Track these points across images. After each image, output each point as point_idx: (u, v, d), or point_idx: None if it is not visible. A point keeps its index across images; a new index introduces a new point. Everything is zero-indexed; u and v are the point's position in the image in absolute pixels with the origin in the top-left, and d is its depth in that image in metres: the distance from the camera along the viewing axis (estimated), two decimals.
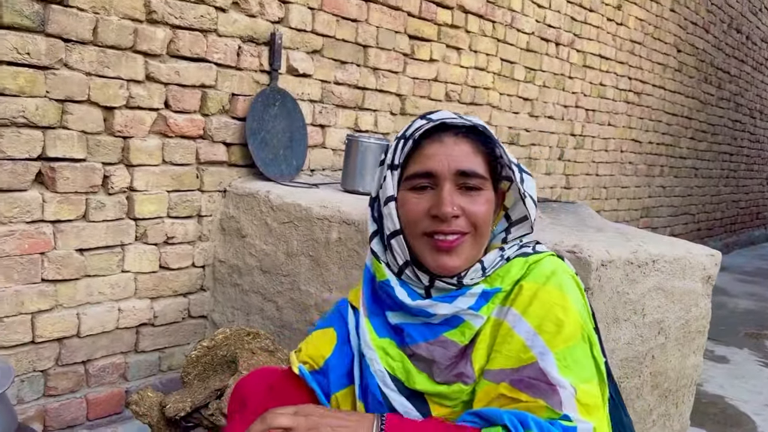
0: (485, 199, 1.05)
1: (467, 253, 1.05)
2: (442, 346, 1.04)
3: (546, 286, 1.01)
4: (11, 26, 1.77)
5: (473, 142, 1.05)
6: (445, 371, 1.04)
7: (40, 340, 1.97)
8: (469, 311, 1.03)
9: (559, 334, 0.97)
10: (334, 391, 1.14)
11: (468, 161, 1.03)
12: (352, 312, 1.17)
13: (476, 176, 1.03)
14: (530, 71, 3.90)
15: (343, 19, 2.69)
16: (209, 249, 2.38)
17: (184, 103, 2.20)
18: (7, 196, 1.83)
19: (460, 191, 1.04)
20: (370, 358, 1.09)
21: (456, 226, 1.03)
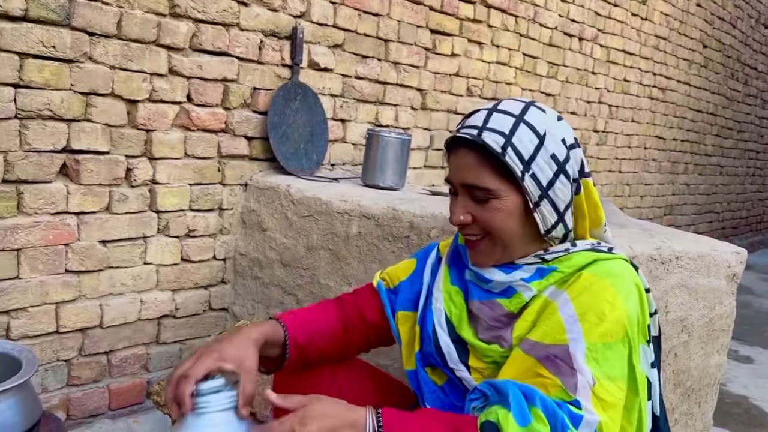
0: (496, 207, 1.07)
1: (490, 253, 1.12)
2: (490, 307, 1.14)
3: (603, 281, 1.03)
4: (37, 20, 1.79)
5: (480, 153, 1.07)
6: (487, 330, 1.14)
7: (64, 330, 2.00)
8: (521, 282, 1.10)
9: (598, 327, 0.99)
10: (398, 309, 1.31)
11: (471, 175, 1.08)
12: (436, 255, 1.31)
13: (479, 189, 1.08)
14: (553, 66, 3.86)
15: (364, 13, 2.69)
16: (230, 242, 2.40)
17: (207, 97, 2.21)
18: (33, 188, 1.85)
19: (474, 200, 1.09)
20: (436, 297, 1.22)
21: (469, 231, 1.12)
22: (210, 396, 1.00)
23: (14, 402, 1.27)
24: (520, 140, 1.05)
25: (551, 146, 1.07)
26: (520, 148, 1.05)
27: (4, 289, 1.84)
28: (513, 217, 1.08)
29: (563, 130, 1.11)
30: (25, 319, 1.90)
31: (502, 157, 1.04)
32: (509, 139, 1.05)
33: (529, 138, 1.06)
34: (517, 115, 1.08)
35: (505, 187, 1.06)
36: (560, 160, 1.07)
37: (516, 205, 1.07)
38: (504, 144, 1.05)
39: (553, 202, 1.07)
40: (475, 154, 1.07)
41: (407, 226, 1.94)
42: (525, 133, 1.06)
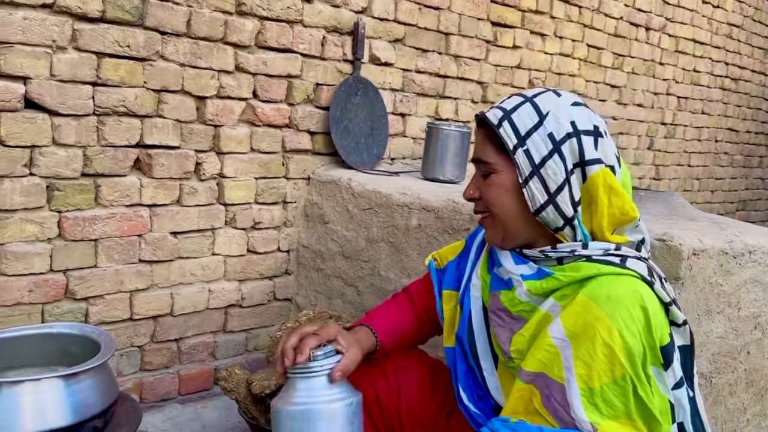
0: (493, 182, 1.11)
1: (495, 231, 1.15)
2: (494, 300, 1.17)
3: (599, 309, 0.97)
4: (113, 20, 1.88)
5: (487, 129, 1.12)
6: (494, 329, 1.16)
7: (137, 318, 2.09)
8: (518, 277, 1.10)
9: (593, 369, 0.96)
10: (444, 288, 1.34)
11: (478, 150, 1.14)
12: (482, 238, 1.32)
13: (482, 162, 1.12)
14: (618, 57, 3.76)
15: (425, 7, 2.69)
16: (294, 234, 2.45)
17: (271, 93, 2.27)
18: (109, 181, 1.95)
19: (482, 176, 1.14)
20: (473, 284, 1.24)
21: (477, 208, 1.17)
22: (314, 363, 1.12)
23: (94, 382, 1.35)
24: (518, 116, 1.08)
25: (551, 125, 1.06)
26: (517, 123, 1.07)
27: (84, 277, 1.95)
28: (508, 193, 1.09)
29: (575, 114, 1.08)
30: (102, 306, 2.00)
31: (497, 130, 1.08)
32: (508, 114, 1.09)
33: (529, 115, 1.08)
34: (529, 96, 1.11)
35: (502, 162, 1.09)
36: (557, 139, 1.06)
37: (511, 181, 1.09)
38: (501, 117, 1.09)
39: (544, 180, 1.06)
40: (484, 130, 1.13)
41: (467, 218, 1.94)
42: (526, 110, 1.08)
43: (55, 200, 1.86)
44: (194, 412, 2.17)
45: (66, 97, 1.83)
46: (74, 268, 1.93)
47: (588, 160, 1.05)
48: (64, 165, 1.85)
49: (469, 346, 1.21)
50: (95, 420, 1.34)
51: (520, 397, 1.03)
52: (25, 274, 1.84)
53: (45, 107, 1.80)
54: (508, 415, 1.04)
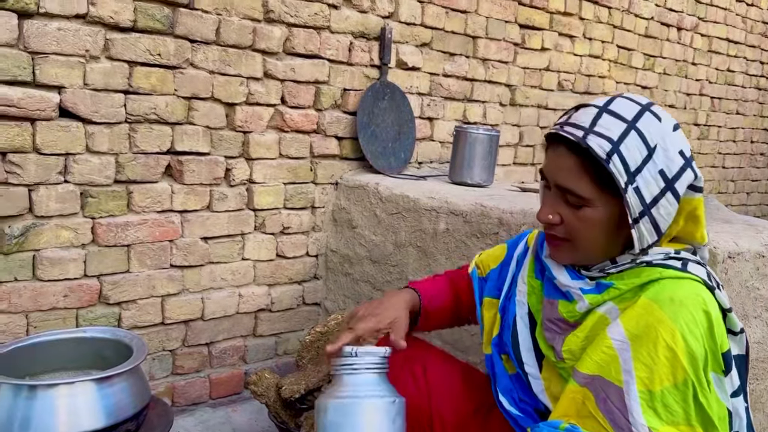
0: (587, 217, 1.02)
1: (569, 257, 1.09)
2: (550, 308, 1.12)
3: (662, 311, 0.95)
4: (144, 29, 1.92)
5: (582, 158, 1.00)
6: (547, 332, 1.13)
7: (169, 322, 2.12)
8: (577, 291, 1.07)
9: (654, 372, 0.93)
10: (485, 295, 1.33)
11: (569, 178, 1.02)
12: (524, 246, 1.31)
13: (574, 195, 1.02)
14: (649, 58, 3.71)
15: (452, 10, 2.69)
16: (322, 239, 2.46)
17: (299, 99, 2.28)
18: (141, 187, 1.98)
19: (566, 202, 1.04)
20: (519, 289, 1.21)
21: (553, 232, 1.08)
22: (361, 359, 1.13)
23: (127, 385, 1.37)
24: (627, 148, 0.97)
25: (661, 160, 0.98)
26: (627, 157, 0.97)
27: (117, 282, 1.98)
28: (603, 229, 1.02)
29: (679, 142, 1.01)
30: (135, 311, 2.03)
31: (606, 165, 0.97)
32: (617, 146, 0.97)
33: (638, 148, 0.98)
34: (630, 120, 0.99)
35: (602, 197, 1.00)
36: (669, 176, 0.98)
37: (609, 217, 1.01)
38: (610, 151, 0.97)
39: (655, 220, 0.99)
40: (577, 157, 1.01)
41: (496, 222, 1.93)
42: (634, 142, 0.98)
43: (89, 207, 1.90)
44: (225, 415, 2.19)
45: (99, 105, 1.86)
46: (107, 273, 1.96)
47: (697, 187, 1.02)
48: (97, 172, 1.89)
49: (512, 349, 1.20)
50: (128, 423, 1.36)
51: (573, 399, 1.01)
52: (61, 279, 1.88)
53: (79, 116, 1.84)
54: (559, 417, 1.02)
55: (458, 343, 2.02)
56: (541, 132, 3.22)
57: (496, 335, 1.26)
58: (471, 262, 1.44)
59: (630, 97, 1.05)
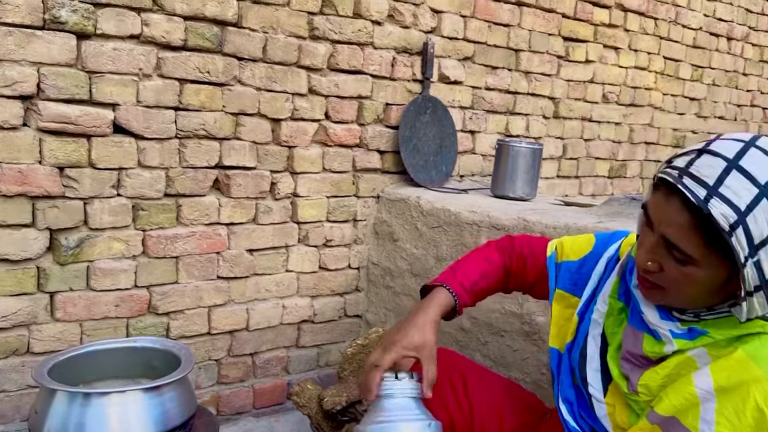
0: (691, 275, 0.93)
1: (659, 301, 1.02)
2: (634, 338, 1.06)
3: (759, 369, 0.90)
4: (194, 48, 1.98)
5: (699, 217, 0.89)
6: (624, 362, 1.07)
7: (215, 332, 2.17)
8: (667, 333, 1.00)
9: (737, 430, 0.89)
10: (558, 287, 1.26)
11: (678, 234, 0.92)
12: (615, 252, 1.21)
13: (681, 252, 0.92)
14: (697, 69, 3.63)
15: (494, 24, 2.69)
16: (364, 252, 2.49)
17: (343, 114, 2.32)
18: (190, 201, 2.04)
19: (670, 254, 0.95)
20: (598, 307, 1.15)
21: (650, 278, 1.00)
22: (395, 384, 1.14)
23: (175, 395, 1.41)
24: (755, 220, 0.86)
25: None
26: (753, 230, 0.87)
27: (165, 293, 2.04)
28: (705, 289, 0.95)
29: None
30: (182, 321, 2.09)
31: (729, 238, 0.87)
32: (743, 218, 0.86)
33: (767, 219, 0.87)
34: (763, 185, 0.87)
35: (712, 260, 0.91)
36: None
37: (715, 279, 0.93)
38: (735, 222, 0.86)
39: None
40: (693, 216, 0.90)
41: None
42: (763, 212, 0.86)
43: (140, 219, 1.96)
44: (268, 425, 2.23)
45: (151, 121, 1.93)
46: (157, 284, 2.03)
47: None
48: (148, 186, 1.96)
49: (578, 367, 1.15)
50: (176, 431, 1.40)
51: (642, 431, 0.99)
52: (112, 289, 1.95)
53: (131, 132, 1.91)
54: None
55: (501, 360, 2.02)
56: (585, 144, 3.19)
57: (570, 340, 1.21)
58: (550, 244, 1.34)
59: (763, 144, 0.91)
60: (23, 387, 1.85)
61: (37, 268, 1.83)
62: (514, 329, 1.99)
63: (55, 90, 1.77)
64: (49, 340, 1.86)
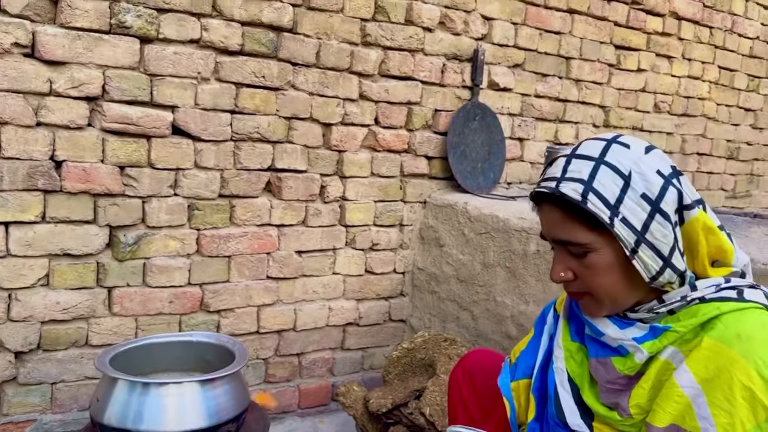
0: (594, 263, 0.99)
1: (598, 309, 1.04)
2: (604, 368, 1.06)
3: (731, 351, 0.91)
4: (251, 53, 2.03)
5: (564, 206, 0.99)
6: (606, 393, 1.07)
7: (264, 331, 2.21)
8: (631, 342, 1.01)
9: (733, 416, 0.89)
10: (516, 378, 1.26)
11: (560, 230, 1.01)
12: (553, 314, 1.24)
13: (572, 244, 1.00)
14: (753, 79, 3.55)
15: (545, 32, 2.69)
16: (409, 256, 2.50)
17: (392, 120, 2.35)
18: (243, 202, 2.09)
19: (571, 254, 1.01)
20: (556, 356, 1.15)
21: (571, 288, 1.05)
22: None
23: (229, 388, 1.45)
24: (601, 184, 0.96)
25: (639, 185, 0.96)
26: (602, 192, 0.96)
27: (217, 291, 2.09)
28: (614, 270, 0.99)
29: (655, 162, 0.98)
30: (232, 319, 2.14)
31: (584, 206, 0.96)
32: (589, 185, 0.96)
33: (613, 179, 0.96)
34: (597, 157, 0.99)
35: (599, 238, 0.98)
36: (653, 198, 0.96)
37: (615, 256, 0.98)
38: (583, 191, 0.96)
39: (653, 245, 0.96)
40: (559, 207, 1.00)
41: None
42: (606, 176, 0.97)
43: (195, 219, 2.02)
44: (312, 425, 2.25)
45: (208, 124, 1.99)
46: (209, 282, 2.08)
47: (686, 205, 0.98)
48: (203, 186, 2.01)
49: (559, 419, 1.13)
50: (229, 425, 1.43)
51: None
52: (167, 286, 2.01)
53: (189, 133, 1.97)
54: None
55: None
56: None
57: (532, 419, 1.20)
58: None
59: (596, 137, 1.04)
60: (81, 378, 1.92)
61: (97, 264, 1.90)
62: None
63: (119, 92, 1.84)
64: (106, 333, 1.93)
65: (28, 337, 1.82)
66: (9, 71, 1.70)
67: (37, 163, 1.77)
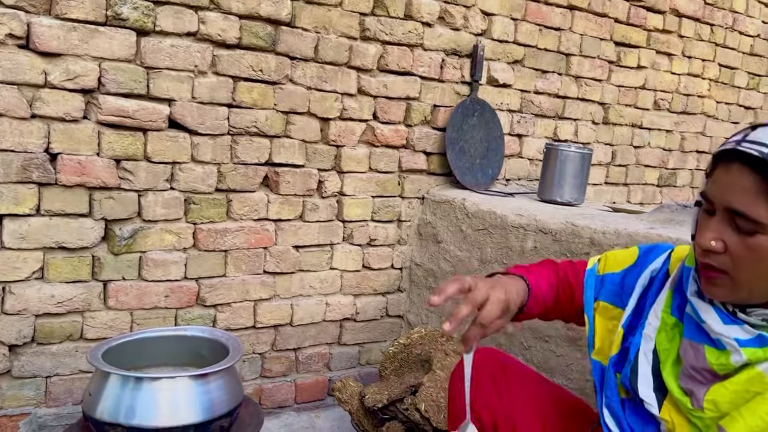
0: (758, 245, 0.90)
1: (726, 293, 0.96)
2: (694, 352, 1.01)
3: None
4: (248, 47, 2.02)
5: (763, 177, 0.88)
6: (686, 378, 1.02)
7: (260, 326, 2.20)
8: (732, 341, 0.95)
9: None
10: (601, 298, 1.21)
11: (743, 200, 0.90)
12: (663, 264, 1.17)
13: (747, 219, 0.90)
14: (754, 77, 3.53)
15: (545, 28, 2.67)
16: (407, 252, 2.49)
17: (390, 115, 2.33)
18: (240, 196, 2.08)
19: (736, 229, 0.92)
20: (650, 322, 1.10)
21: (711, 261, 0.95)
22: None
23: (223, 383, 1.44)
24: None
25: None
26: None
27: (213, 285, 2.08)
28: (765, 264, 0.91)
29: None
30: (229, 313, 2.13)
31: None
32: None
33: None
34: None
35: None
36: None
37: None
38: None
39: None
40: (757, 177, 0.89)
41: (587, 242, 1.90)
42: None
43: (191, 213, 2.01)
44: (308, 420, 2.25)
45: (204, 117, 1.98)
46: (205, 276, 2.07)
47: None
48: (200, 180, 2.00)
49: (630, 383, 1.11)
50: (222, 419, 1.43)
51: None
52: (163, 280, 2.00)
53: (186, 127, 1.96)
54: None
55: (544, 365, 2.00)
56: (635, 151, 3.14)
57: (616, 354, 1.16)
58: (592, 259, 1.30)
59: None
60: (75, 371, 1.91)
61: (92, 257, 1.89)
62: (558, 335, 1.97)
63: (115, 84, 1.83)
64: (101, 327, 1.92)
65: (22, 331, 1.82)
66: (3, 63, 1.69)
67: (32, 155, 1.76)
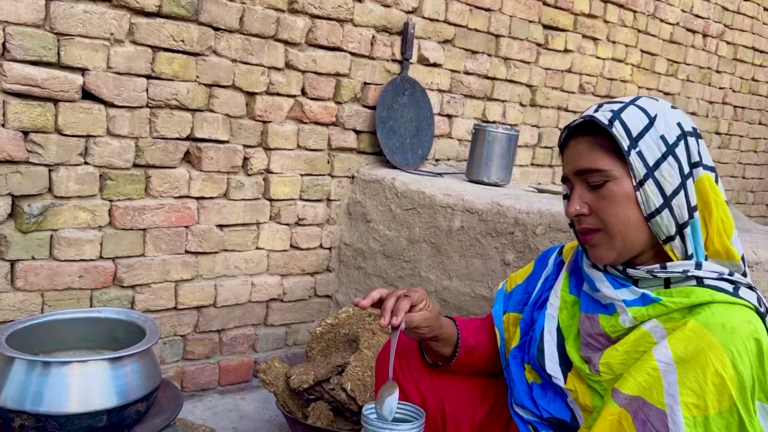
0: (612, 192, 1.03)
1: (608, 250, 1.07)
2: (591, 322, 1.10)
3: (712, 338, 0.93)
4: (169, 15, 1.92)
5: (592, 137, 1.06)
6: (585, 346, 1.11)
7: (182, 307, 2.13)
8: (621, 303, 1.05)
9: (700, 398, 0.92)
10: (508, 311, 1.32)
11: (584, 159, 1.06)
12: (557, 257, 1.29)
13: (592, 171, 1.05)
14: (673, 64, 3.67)
15: (476, 8, 2.68)
16: (336, 232, 2.46)
17: (319, 91, 2.29)
18: (159, 172, 1.99)
19: (590, 188, 1.06)
20: (551, 303, 1.19)
21: (584, 225, 1.08)
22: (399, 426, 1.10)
23: (139, 366, 1.38)
24: (629, 117, 1.04)
25: (661, 127, 1.03)
26: (628, 123, 1.03)
27: (131, 265, 1.99)
28: (630, 203, 1.03)
29: (678, 116, 1.06)
30: (148, 294, 2.05)
31: (609, 129, 1.03)
32: (618, 114, 1.04)
33: (639, 117, 1.04)
34: (628, 101, 1.07)
35: (619, 168, 1.03)
36: (669, 142, 1.02)
37: (630, 188, 1.03)
38: (612, 117, 1.04)
39: (659, 183, 1.02)
40: (588, 138, 1.07)
41: (512, 222, 1.92)
42: (634, 112, 1.05)
43: (107, 189, 1.91)
44: (233, 402, 2.20)
45: (121, 89, 1.88)
46: (123, 256, 1.98)
47: (696, 162, 1.04)
48: (116, 155, 1.90)
49: (538, 361, 1.18)
50: (138, 404, 1.37)
51: (610, 421, 0.99)
52: (77, 260, 1.90)
53: (101, 98, 1.86)
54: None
55: None
56: None
57: (515, 346, 1.25)
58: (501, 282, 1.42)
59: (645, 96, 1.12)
60: None
61: None
62: (483, 312, 1.99)
63: (21, 51, 1.70)
64: (8, 309, 1.81)
65: None
66: None
67: None
